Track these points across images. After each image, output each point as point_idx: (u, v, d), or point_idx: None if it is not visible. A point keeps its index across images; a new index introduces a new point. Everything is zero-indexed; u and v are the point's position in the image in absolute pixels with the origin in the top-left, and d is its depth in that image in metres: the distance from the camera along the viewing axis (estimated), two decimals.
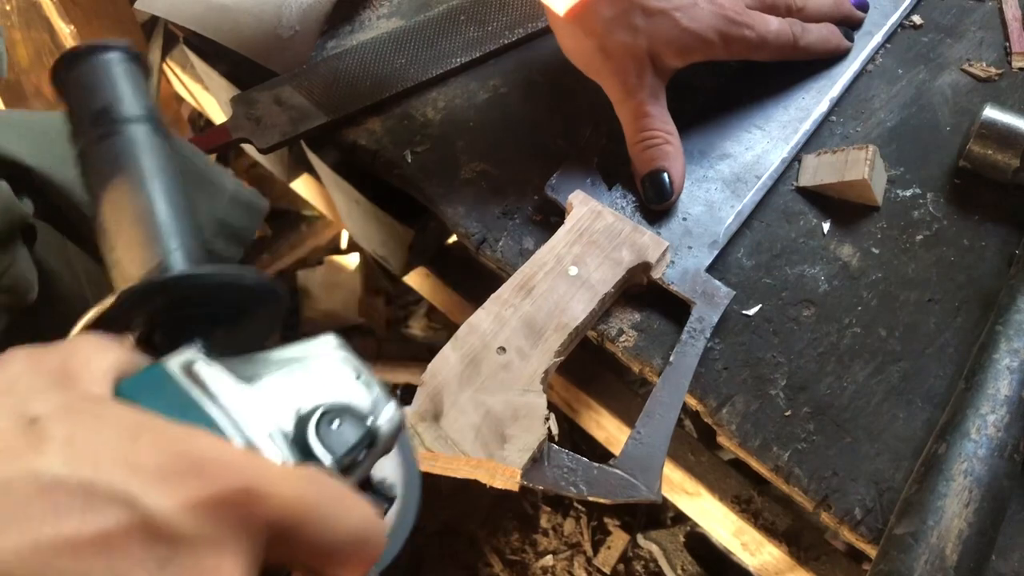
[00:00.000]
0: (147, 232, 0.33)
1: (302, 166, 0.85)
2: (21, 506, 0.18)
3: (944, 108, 0.64)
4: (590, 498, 0.47)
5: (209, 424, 0.25)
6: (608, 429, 0.79)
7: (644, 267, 0.54)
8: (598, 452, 0.70)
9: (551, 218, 0.58)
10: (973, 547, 0.44)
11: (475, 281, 0.80)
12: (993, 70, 0.66)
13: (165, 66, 0.91)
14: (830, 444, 0.51)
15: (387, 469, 0.31)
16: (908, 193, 0.60)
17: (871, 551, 0.47)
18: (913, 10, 0.70)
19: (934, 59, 0.67)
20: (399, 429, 0.29)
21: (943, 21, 0.69)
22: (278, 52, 0.66)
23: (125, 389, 0.26)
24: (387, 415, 0.29)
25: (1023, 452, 0.47)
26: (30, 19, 0.96)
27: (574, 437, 1.13)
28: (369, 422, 0.28)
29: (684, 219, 0.58)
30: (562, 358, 0.50)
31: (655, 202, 0.57)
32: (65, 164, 0.52)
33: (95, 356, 0.24)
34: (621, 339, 0.54)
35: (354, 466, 0.28)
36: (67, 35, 0.88)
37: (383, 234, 0.76)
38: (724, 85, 0.64)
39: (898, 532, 0.45)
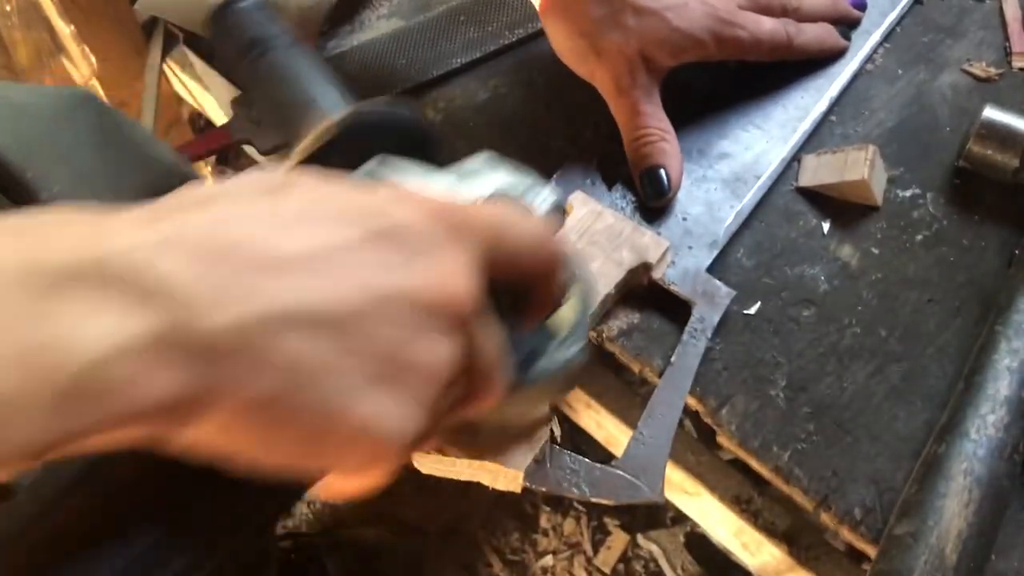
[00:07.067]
0: (317, 111, 0.45)
1: None
2: (308, 223, 0.25)
3: (944, 108, 0.64)
4: (593, 500, 0.47)
5: None
6: (608, 429, 0.79)
7: (645, 268, 0.54)
8: (598, 451, 0.70)
9: None
10: (973, 547, 0.44)
11: None
12: (993, 70, 0.66)
13: (165, 66, 0.91)
14: (830, 444, 0.51)
15: None
16: (908, 193, 0.61)
17: (871, 551, 0.47)
18: (911, 9, 0.70)
19: (934, 59, 0.67)
20: (556, 207, 0.36)
21: (943, 21, 0.69)
22: None
23: None
24: (544, 195, 0.35)
25: (1023, 452, 0.47)
26: (30, 19, 0.96)
27: (574, 437, 1.13)
28: (530, 201, 0.35)
29: (684, 219, 0.58)
30: None
31: (653, 199, 0.57)
32: (16, 139, 0.48)
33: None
34: (621, 339, 0.54)
35: None
36: (67, 35, 0.88)
37: None
38: (722, 84, 0.64)
39: (898, 532, 0.45)
